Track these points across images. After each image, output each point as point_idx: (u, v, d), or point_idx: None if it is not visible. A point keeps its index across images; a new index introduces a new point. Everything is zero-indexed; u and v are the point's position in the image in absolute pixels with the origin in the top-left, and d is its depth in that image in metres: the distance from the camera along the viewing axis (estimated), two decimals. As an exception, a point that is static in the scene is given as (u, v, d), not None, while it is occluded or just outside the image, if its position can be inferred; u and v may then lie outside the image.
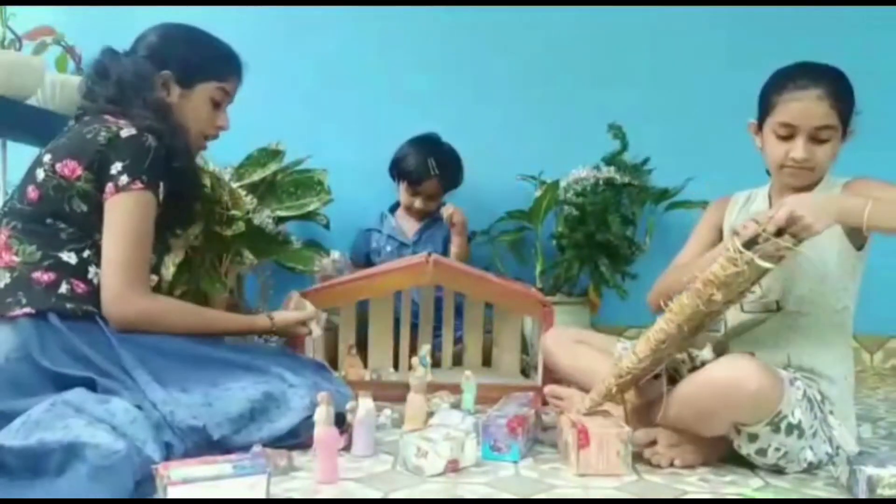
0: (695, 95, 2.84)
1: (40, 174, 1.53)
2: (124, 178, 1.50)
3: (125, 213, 1.51)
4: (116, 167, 1.50)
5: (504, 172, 2.80)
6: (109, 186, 1.51)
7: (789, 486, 1.36)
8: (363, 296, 2.13)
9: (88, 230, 1.53)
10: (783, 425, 1.36)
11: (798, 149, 1.47)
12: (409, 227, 2.67)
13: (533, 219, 2.65)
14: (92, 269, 1.52)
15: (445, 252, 2.54)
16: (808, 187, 1.52)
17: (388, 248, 2.62)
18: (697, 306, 1.31)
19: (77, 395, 1.30)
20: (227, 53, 1.74)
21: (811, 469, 1.42)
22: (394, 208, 2.72)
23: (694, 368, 1.53)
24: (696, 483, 1.36)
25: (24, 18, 2.25)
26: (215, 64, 1.71)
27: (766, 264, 1.25)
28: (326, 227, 2.57)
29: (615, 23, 2.89)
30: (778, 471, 1.42)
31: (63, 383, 1.36)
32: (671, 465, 1.43)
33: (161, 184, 1.55)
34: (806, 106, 1.47)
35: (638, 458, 1.44)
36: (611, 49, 2.91)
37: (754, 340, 1.53)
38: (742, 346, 1.52)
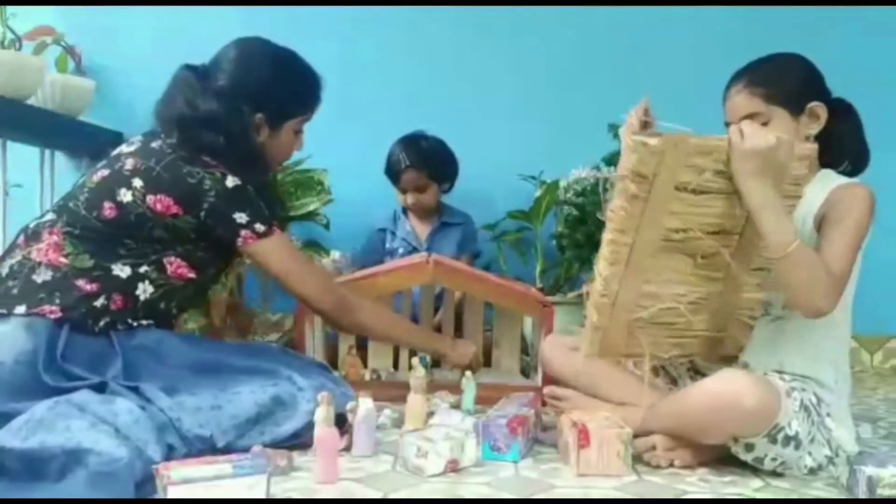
0: (695, 95, 2.83)
1: (126, 196, 1.51)
2: (260, 227, 1.57)
3: (285, 250, 1.64)
4: (242, 217, 1.55)
5: (504, 172, 2.80)
6: (245, 233, 1.56)
7: (789, 486, 1.36)
8: (364, 295, 2.12)
9: (158, 249, 1.53)
10: (780, 437, 1.35)
11: None
12: (420, 230, 2.69)
13: (533, 219, 2.65)
14: (142, 286, 1.52)
15: (458, 256, 2.55)
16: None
17: (401, 251, 2.62)
18: (623, 206, 1.33)
19: (81, 395, 1.30)
20: (314, 84, 1.71)
21: (812, 473, 1.41)
22: (406, 209, 2.73)
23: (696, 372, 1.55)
24: (696, 483, 1.36)
25: (24, 18, 2.26)
26: (303, 100, 1.70)
27: (652, 141, 1.30)
28: (326, 227, 2.57)
29: (615, 22, 2.89)
30: (778, 475, 1.41)
31: (67, 392, 1.35)
32: (671, 465, 1.43)
33: None
34: (731, 103, 1.53)
35: (638, 458, 1.44)
36: (611, 49, 2.91)
37: (747, 348, 1.53)
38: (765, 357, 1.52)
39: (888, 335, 2.93)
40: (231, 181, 1.54)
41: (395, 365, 2.20)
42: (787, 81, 1.50)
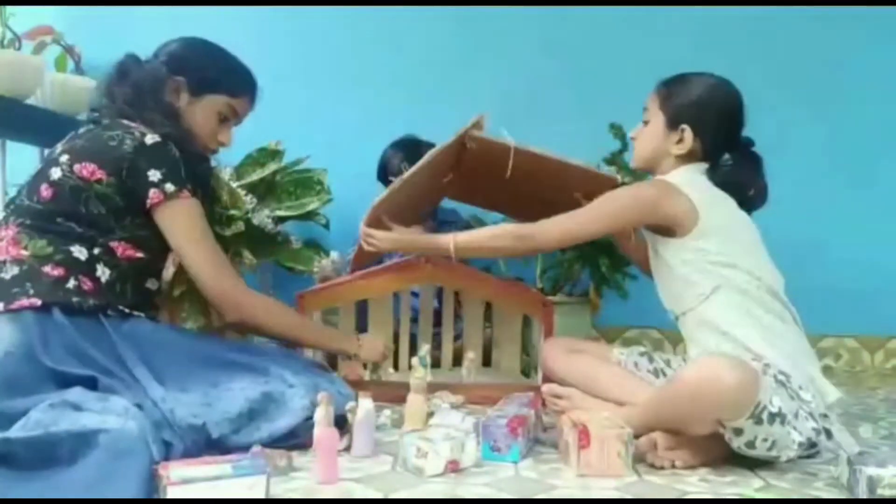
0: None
1: (56, 173, 1.55)
2: (170, 187, 1.55)
3: (190, 218, 1.59)
4: (155, 175, 1.55)
5: (504, 172, 2.79)
6: (154, 193, 1.55)
7: (789, 486, 1.36)
8: (362, 296, 2.13)
9: (100, 230, 1.55)
10: (765, 416, 1.37)
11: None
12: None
13: (533, 218, 2.65)
14: (100, 268, 1.54)
15: None
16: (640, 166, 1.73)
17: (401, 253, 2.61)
18: None
19: (76, 394, 1.30)
20: (243, 73, 1.76)
21: (803, 449, 1.42)
22: None
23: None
24: (696, 483, 1.36)
25: (23, 18, 2.25)
26: (229, 79, 1.73)
27: None
28: (326, 227, 2.57)
29: (616, 22, 2.89)
30: (772, 461, 1.42)
31: (63, 381, 1.36)
32: (672, 466, 1.42)
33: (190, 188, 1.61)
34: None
35: (638, 458, 1.44)
36: (611, 48, 2.91)
37: (694, 346, 1.61)
38: (693, 351, 1.62)
39: (888, 335, 2.92)
40: (150, 138, 1.56)
41: (395, 365, 2.19)
42: (677, 98, 1.66)
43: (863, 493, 1.25)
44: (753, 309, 1.52)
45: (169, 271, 1.96)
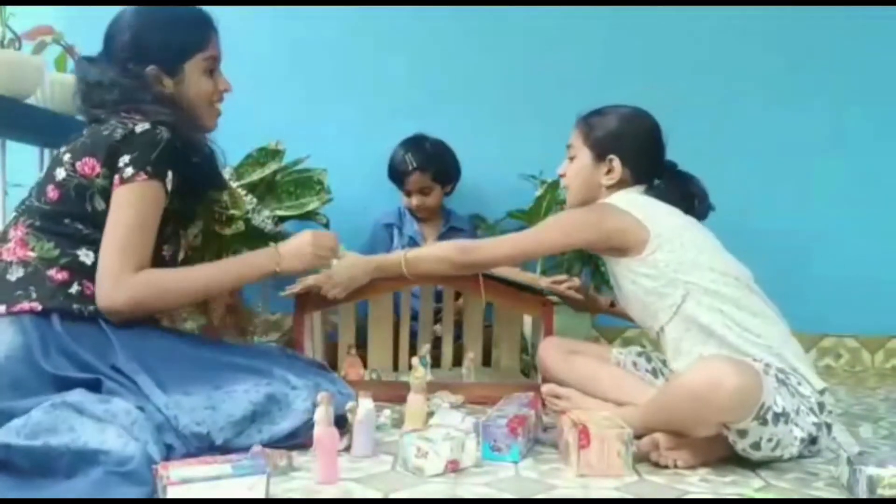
0: (695, 94, 2.84)
1: (61, 173, 1.54)
2: (129, 170, 1.50)
3: (126, 203, 1.50)
4: (124, 160, 1.51)
5: (504, 172, 2.79)
6: (116, 179, 1.51)
7: (790, 486, 1.36)
8: (363, 296, 2.12)
9: (104, 231, 1.52)
10: (769, 417, 1.37)
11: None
12: (427, 232, 2.70)
13: (533, 218, 2.64)
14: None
15: None
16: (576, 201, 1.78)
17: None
18: None
19: (77, 395, 1.30)
20: (195, 20, 1.68)
21: (804, 446, 1.43)
22: (410, 210, 2.72)
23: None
24: (696, 483, 1.36)
25: (23, 18, 2.25)
26: (190, 38, 1.66)
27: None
28: (326, 226, 2.57)
29: (616, 22, 2.89)
30: (775, 460, 1.42)
31: (64, 385, 1.35)
32: (675, 465, 1.42)
33: (170, 174, 1.54)
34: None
35: (639, 458, 1.44)
36: (611, 48, 2.91)
37: (681, 358, 1.61)
38: (680, 364, 1.62)
39: (888, 335, 2.92)
40: (140, 126, 1.53)
41: (395, 365, 2.19)
42: (600, 130, 1.74)
43: (863, 493, 1.25)
44: (727, 307, 1.54)
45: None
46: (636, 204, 1.64)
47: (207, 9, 1.70)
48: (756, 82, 2.85)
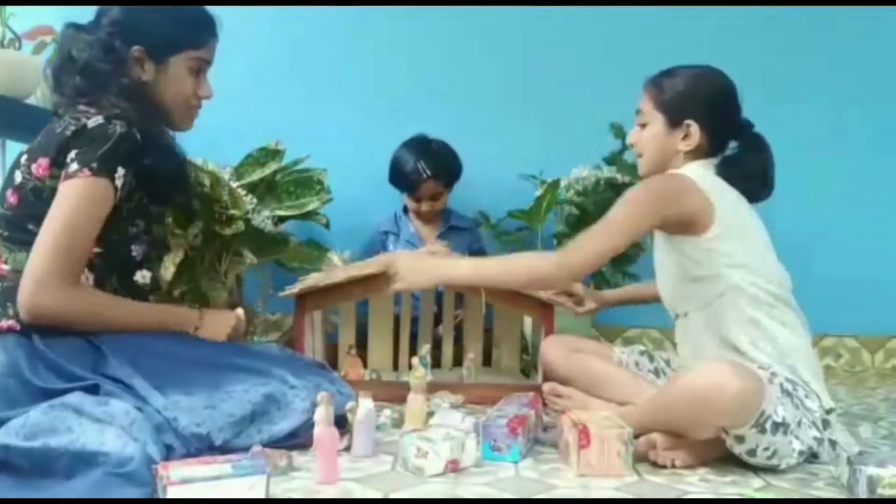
0: (695, 95, 2.84)
1: (18, 177, 1.49)
2: (74, 166, 1.43)
3: (64, 199, 1.42)
4: (71, 155, 1.44)
5: (504, 172, 2.79)
6: (63, 173, 1.44)
7: (790, 486, 1.36)
8: (362, 296, 2.12)
9: None
10: (768, 425, 1.36)
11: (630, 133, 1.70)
12: (427, 232, 2.68)
13: (533, 218, 2.65)
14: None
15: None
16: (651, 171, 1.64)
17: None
18: None
19: (76, 397, 1.29)
20: (198, 18, 1.62)
21: (803, 457, 1.42)
22: (407, 209, 2.72)
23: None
24: (696, 483, 1.36)
25: (23, 18, 2.25)
26: (188, 32, 1.59)
27: None
28: (326, 226, 2.57)
29: (616, 22, 2.89)
30: (772, 468, 1.41)
31: (55, 397, 1.32)
32: (672, 465, 1.42)
33: (120, 170, 1.45)
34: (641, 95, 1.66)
35: (639, 458, 1.44)
36: (611, 48, 2.91)
37: (690, 348, 1.60)
38: (686, 351, 1.61)
39: (888, 335, 2.93)
40: (94, 121, 1.45)
41: (395, 365, 2.19)
42: (674, 93, 1.61)
43: (863, 493, 1.25)
44: (759, 315, 1.48)
45: (169, 271, 1.97)
46: (711, 184, 1.54)
47: (216, 16, 1.65)
48: (756, 82, 2.84)
